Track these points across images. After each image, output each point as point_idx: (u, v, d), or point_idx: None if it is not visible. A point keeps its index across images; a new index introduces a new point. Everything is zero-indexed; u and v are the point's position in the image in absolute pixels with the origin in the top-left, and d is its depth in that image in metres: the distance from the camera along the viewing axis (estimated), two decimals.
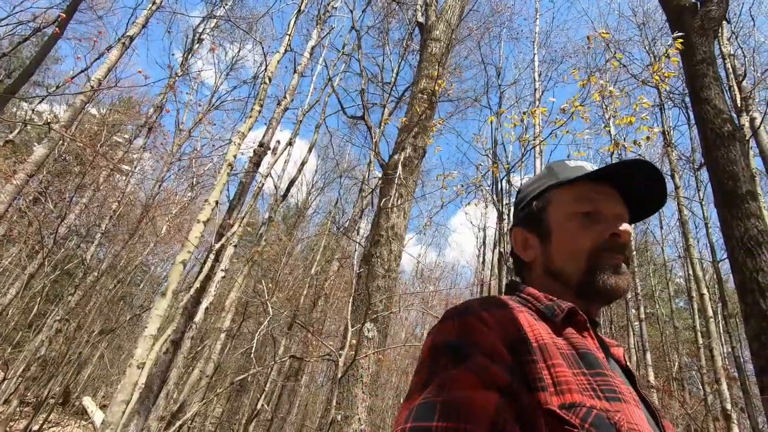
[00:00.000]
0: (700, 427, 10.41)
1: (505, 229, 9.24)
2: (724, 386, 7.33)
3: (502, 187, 9.53)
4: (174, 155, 10.02)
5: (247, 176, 6.90)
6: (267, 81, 5.68)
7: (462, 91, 10.97)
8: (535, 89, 10.42)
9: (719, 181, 2.74)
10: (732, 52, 8.15)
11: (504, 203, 9.17)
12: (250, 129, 5.68)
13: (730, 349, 8.55)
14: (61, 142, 6.74)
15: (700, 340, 9.63)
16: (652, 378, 9.24)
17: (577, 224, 0.65)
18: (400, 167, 4.53)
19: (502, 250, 8.03)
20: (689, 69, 3.27)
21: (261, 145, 7.05)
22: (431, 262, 22.74)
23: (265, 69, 6.10)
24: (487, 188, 8.91)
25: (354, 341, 3.02)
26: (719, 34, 7.89)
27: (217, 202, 4.84)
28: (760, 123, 6.60)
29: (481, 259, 15.26)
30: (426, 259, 22.49)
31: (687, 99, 9.32)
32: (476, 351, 0.48)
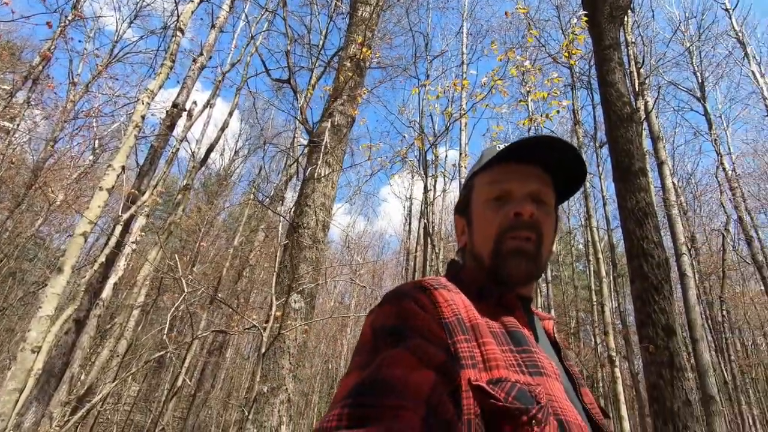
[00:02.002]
0: (591, 372, 12.04)
1: (431, 200, 9.54)
2: (611, 337, 8.48)
3: (427, 159, 9.75)
4: (68, 113, 8.74)
5: (159, 140, 6.28)
6: (179, 33, 5.11)
7: (392, 59, 10.83)
8: (462, 62, 10.64)
9: (618, 158, 3.04)
10: (633, 41, 8.96)
11: (429, 175, 9.42)
12: (160, 87, 5.11)
13: (617, 305, 9.85)
14: None
15: (594, 298, 10.96)
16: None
17: (488, 208, 0.66)
18: (327, 135, 4.41)
19: (426, 220, 8.31)
20: (598, 53, 3.53)
21: (175, 105, 6.41)
22: (360, 231, 22.97)
23: (177, 19, 5.47)
24: (414, 160, 9.07)
25: (279, 313, 2.97)
26: (624, 23, 8.59)
27: (123, 168, 4.35)
28: (652, 107, 7.40)
29: (407, 229, 15.71)
30: (355, 228, 22.65)
31: (593, 81, 10.14)
32: (413, 333, 0.51)
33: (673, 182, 8.48)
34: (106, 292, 5.36)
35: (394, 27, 11.78)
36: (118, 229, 5.25)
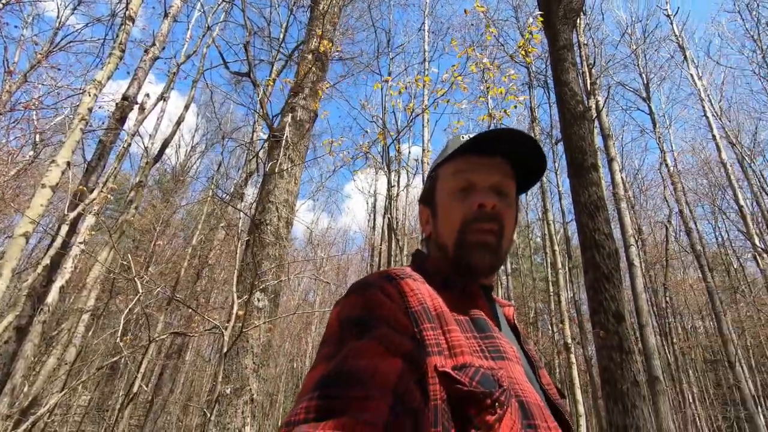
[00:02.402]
0: (548, 359, 12.58)
1: (395, 195, 9.60)
2: (567, 325, 8.90)
3: (390, 154, 9.79)
4: (4, 104, 8.07)
5: (108, 134, 5.93)
6: (129, 22, 4.84)
7: (354, 54, 10.76)
8: (424, 59, 10.74)
9: (572, 155, 3.19)
10: (585, 42, 9.37)
11: (393, 170, 9.47)
12: (109, 78, 4.83)
13: (572, 295, 10.34)
14: None
15: (551, 289, 11.45)
16: None
17: (452, 199, 0.68)
18: (288, 130, 4.33)
19: (390, 216, 8.35)
20: (553, 53, 3.66)
21: (125, 98, 6.07)
22: (324, 227, 22.76)
23: (126, 6, 5.17)
24: (377, 155, 9.09)
25: (241, 312, 2.90)
26: (577, 25, 8.97)
27: (69, 164, 4.08)
28: (603, 105, 7.79)
29: (371, 225, 15.74)
30: (319, 225, 22.42)
31: (549, 80, 10.54)
32: (380, 322, 0.52)
33: (622, 177, 8.98)
34: (52, 296, 5.02)
35: (356, 22, 11.72)
36: (64, 228, 4.93)
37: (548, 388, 0.64)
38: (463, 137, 0.71)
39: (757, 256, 9.62)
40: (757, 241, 9.79)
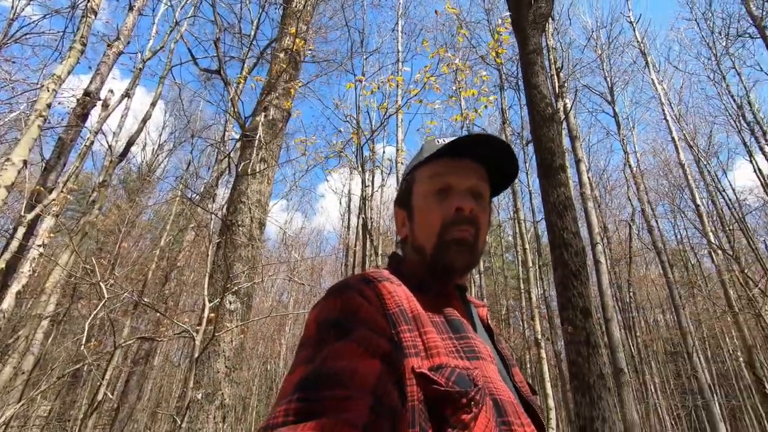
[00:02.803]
0: (519, 355, 12.89)
1: (369, 195, 9.59)
2: (537, 321, 9.14)
3: (364, 154, 9.76)
4: None
5: (69, 131, 5.66)
6: (91, 14, 4.64)
7: (328, 53, 10.68)
8: (398, 59, 10.79)
9: (542, 156, 3.27)
10: (554, 46, 9.65)
11: (367, 170, 9.46)
12: (69, 72, 4.61)
13: (542, 292, 10.63)
14: None
15: (522, 286, 11.73)
16: None
17: (430, 201, 0.69)
18: (260, 129, 4.26)
19: (365, 216, 8.35)
20: (523, 57, 3.75)
21: (87, 94, 5.81)
22: (298, 228, 22.49)
23: None
24: (351, 155, 9.05)
25: (213, 315, 2.83)
26: (546, 29, 9.22)
27: (25, 162, 3.88)
28: (570, 108, 8.04)
29: (345, 225, 15.67)
30: (293, 225, 22.14)
31: (520, 83, 10.80)
32: (359, 324, 0.52)
33: (588, 177, 9.30)
34: (8, 302, 4.76)
35: (329, 21, 11.62)
36: (21, 231, 4.68)
37: (521, 385, 0.66)
38: (438, 141, 0.72)
39: (712, 253, 10.17)
40: (712, 238, 10.35)
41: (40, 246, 5.09)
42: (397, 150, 9.22)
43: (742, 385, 16.15)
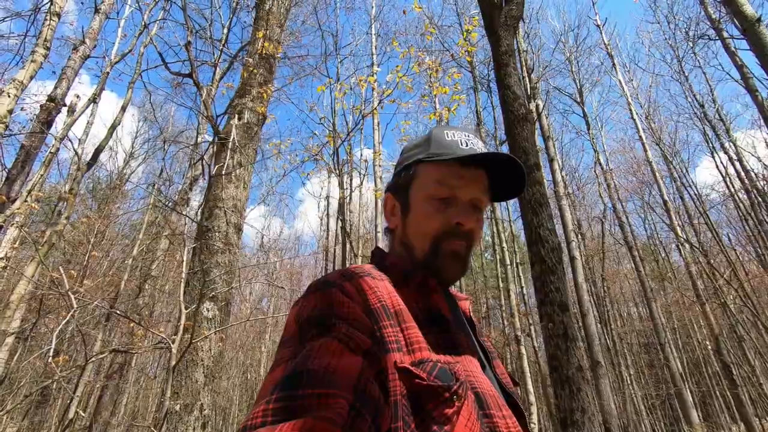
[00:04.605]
0: (500, 352, 13.06)
1: (346, 198, 9.56)
2: (517, 318, 9.29)
3: (340, 156, 9.73)
4: None
5: (32, 139, 5.42)
6: (54, 17, 4.47)
7: (301, 57, 10.60)
8: (373, 63, 10.81)
9: (516, 155, 3.34)
10: (525, 49, 9.87)
11: (344, 173, 9.43)
12: (32, 78, 4.44)
13: (520, 290, 10.81)
14: None
15: (501, 285, 11.90)
16: None
17: (432, 207, 0.67)
18: (234, 132, 4.19)
19: (343, 219, 8.31)
20: (496, 58, 3.82)
21: (51, 99, 5.59)
22: (276, 232, 22.21)
23: (51, 1, 4.78)
24: (328, 158, 9.00)
25: (189, 323, 2.76)
26: (517, 32, 9.42)
27: None
28: (542, 108, 8.23)
29: (324, 228, 15.57)
30: (271, 229, 21.86)
31: (492, 85, 10.99)
32: (340, 320, 0.52)
33: (561, 176, 9.53)
34: None
35: (302, 25, 11.56)
36: None
37: (502, 377, 0.66)
38: (448, 134, 0.70)
39: (680, 246, 10.58)
40: (679, 232, 10.77)
41: (3, 258, 4.86)
42: (375, 153, 9.23)
43: (710, 372, 16.83)
